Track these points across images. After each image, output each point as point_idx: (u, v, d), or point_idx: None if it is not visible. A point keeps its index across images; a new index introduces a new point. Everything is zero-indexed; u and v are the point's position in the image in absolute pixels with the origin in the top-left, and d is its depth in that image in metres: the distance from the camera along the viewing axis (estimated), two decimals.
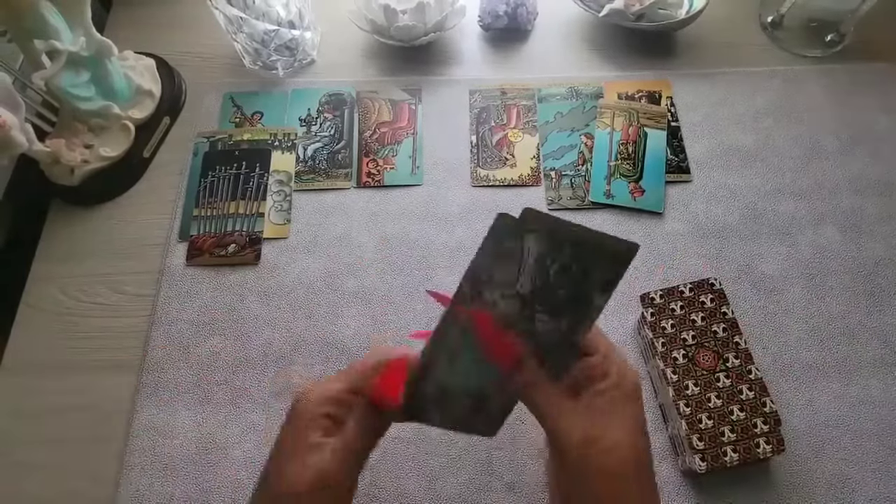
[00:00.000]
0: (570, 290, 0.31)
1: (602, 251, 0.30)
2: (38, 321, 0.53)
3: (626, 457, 0.31)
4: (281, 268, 0.55)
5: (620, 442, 0.31)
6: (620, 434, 0.31)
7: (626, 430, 0.31)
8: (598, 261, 0.31)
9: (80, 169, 0.56)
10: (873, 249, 0.55)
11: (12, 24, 0.51)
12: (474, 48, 0.68)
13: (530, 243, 0.29)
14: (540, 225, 0.29)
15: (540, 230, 0.29)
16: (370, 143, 0.61)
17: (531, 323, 0.31)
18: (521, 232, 0.29)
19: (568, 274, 0.30)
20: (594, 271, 0.31)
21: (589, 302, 0.32)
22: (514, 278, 0.30)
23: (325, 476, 0.31)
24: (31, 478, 0.47)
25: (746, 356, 0.45)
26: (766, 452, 0.42)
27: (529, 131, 0.62)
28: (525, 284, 0.30)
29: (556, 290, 0.31)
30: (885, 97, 0.63)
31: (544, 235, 0.29)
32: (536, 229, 0.29)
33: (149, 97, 0.61)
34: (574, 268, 0.30)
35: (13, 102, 0.50)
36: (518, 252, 0.29)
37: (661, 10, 0.64)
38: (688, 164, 0.60)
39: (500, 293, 0.30)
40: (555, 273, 0.30)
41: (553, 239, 0.30)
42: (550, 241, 0.30)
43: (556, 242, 0.30)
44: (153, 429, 0.48)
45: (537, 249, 0.30)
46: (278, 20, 0.61)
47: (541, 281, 0.30)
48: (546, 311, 0.31)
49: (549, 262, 0.30)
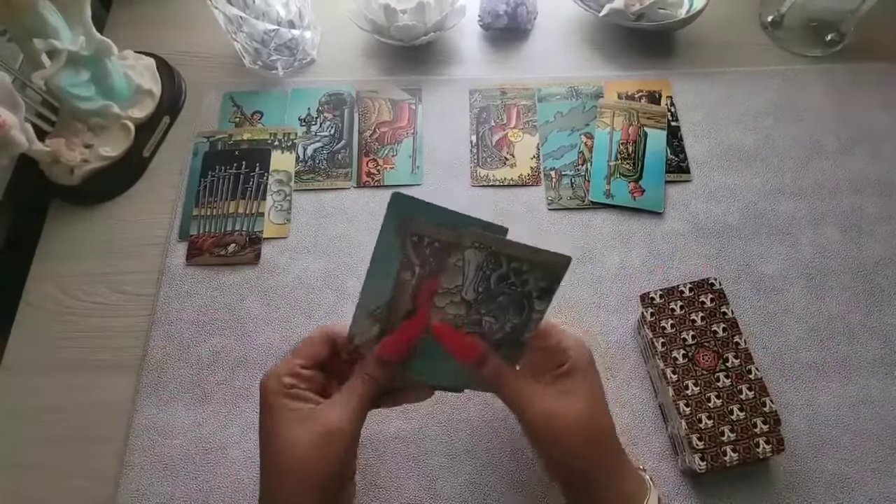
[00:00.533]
0: (510, 297, 0.35)
1: (536, 264, 0.35)
2: (38, 320, 0.53)
3: (582, 423, 0.35)
4: (281, 267, 0.55)
5: (578, 412, 0.35)
6: (578, 406, 0.35)
7: (582, 403, 0.35)
8: (534, 271, 0.35)
9: (80, 168, 0.56)
10: (873, 249, 0.55)
11: (12, 23, 0.51)
12: (474, 48, 0.68)
13: (469, 256, 0.34)
14: (477, 241, 0.34)
15: (480, 246, 0.34)
16: (370, 143, 0.61)
17: (479, 325, 0.36)
18: (462, 247, 0.34)
19: (507, 283, 0.35)
20: (530, 280, 0.35)
21: (530, 307, 0.36)
22: (460, 286, 0.35)
23: (332, 426, 0.33)
24: (31, 478, 0.47)
25: (746, 356, 0.45)
26: (766, 452, 0.42)
27: (529, 131, 0.62)
28: (468, 292, 0.35)
29: (498, 297, 0.35)
30: (885, 97, 0.63)
31: (482, 250, 0.34)
32: (474, 245, 0.34)
33: (149, 97, 0.61)
34: (512, 278, 0.35)
35: (13, 102, 0.50)
36: (460, 265, 0.34)
37: (661, 10, 0.64)
38: (688, 164, 0.60)
39: (448, 300, 0.35)
40: (495, 282, 0.35)
41: (490, 252, 0.34)
42: (487, 255, 0.34)
43: (493, 256, 0.34)
44: (153, 428, 0.48)
45: (476, 262, 0.34)
46: (278, 20, 0.61)
47: (482, 288, 0.35)
48: (491, 313, 0.36)
49: (487, 273, 0.35)
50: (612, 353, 0.51)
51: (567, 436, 0.35)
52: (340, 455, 0.34)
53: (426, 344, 0.36)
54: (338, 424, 0.34)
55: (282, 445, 0.33)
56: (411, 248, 0.35)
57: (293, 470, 0.33)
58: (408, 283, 0.35)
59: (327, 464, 0.33)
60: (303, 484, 0.33)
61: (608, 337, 0.52)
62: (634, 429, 0.48)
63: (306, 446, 0.33)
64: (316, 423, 0.34)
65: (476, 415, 0.48)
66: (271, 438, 0.34)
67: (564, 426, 0.35)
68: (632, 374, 0.50)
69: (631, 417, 0.48)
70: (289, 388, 0.35)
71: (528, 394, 0.36)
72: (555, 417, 0.35)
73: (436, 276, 0.35)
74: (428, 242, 0.34)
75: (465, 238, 0.34)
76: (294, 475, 0.33)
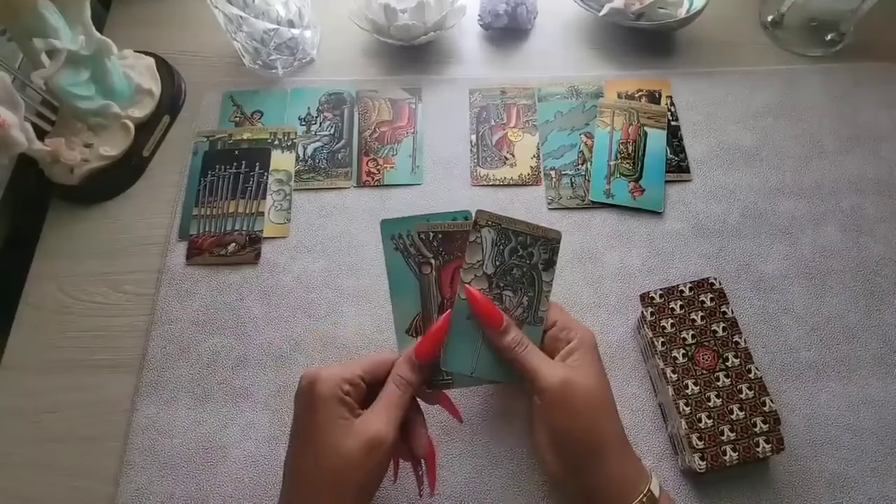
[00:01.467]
0: (522, 269, 0.40)
1: (536, 237, 0.40)
2: (38, 320, 0.53)
3: (596, 393, 0.37)
4: (281, 267, 0.55)
5: (591, 384, 0.37)
6: (591, 379, 0.38)
7: (594, 376, 0.38)
8: (536, 244, 0.40)
9: (80, 168, 0.56)
10: (873, 249, 0.55)
11: (11, 22, 0.51)
12: (474, 47, 0.68)
13: (485, 234, 0.39)
14: (490, 220, 0.39)
15: (491, 224, 0.39)
16: (370, 143, 0.61)
17: (500, 300, 0.40)
18: (478, 226, 0.39)
19: (517, 255, 0.40)
20: (535, 253, 0.40)
21: (539, 279, 0.40)
22: (481, 261, 0.39)
23: (377, 436, 0.34)
24: (31, 477, 0.47)
25: (746, 355, 0.45)
26: (766, 451, 0.42)
27: (529, 130, 0.62)
28: (488, 266, 0.40)
29: (512, 270, 0.40)
30: (885, 96, 0.63)
31: (494, 227, 0.39)
32: (488, 223, 0.39)
33: (148, 96, 0.61)
34: (520, 251, 0.40)
35: (13, 101, 0.50)
36: (479, 241, 0.39)
37: (661, 10, 0.64)
38: (688, 164, 0.60)
39: (472, 274, 0.39)
40: (507, 255, 0.40)
41: (501, 229, 0.40)
42: (499, 231, 0.40)
43: (503, 232, 0.40)
44: (153, 428, 0.48)
45: (490, 238, 0.40)
46: (278, 19, 0.61)
47: (499, 261, 0.40)
48: (508, 286, 0.40)
49: (501, 248, 0.40)
50: (611, 353, 0.51)
51: (584, 402, 0.36)
52: (384, 463, 0.36)
53: (452, 330, 0.39)
54: (382, 435, 0.35)
55: (329, 452, 0.34)
56: (421, 244, 0.40)
57: (339, 477, 0.34)
58: (430, 277, 0.40)
59: (371, 472, 0.35)
60: (344, 491, 0.34)
61: (608, 336, 0.52)
62: (634, 428, 0.48)
63: (355, 457, 0.34)
64: (363, 434, 0.34)
65: (476, 415, 0.48)
66: (316, 443, 0.35)
67: (583, 392, 0.37)
68: (631, 373, 0.50)
69: (631, 417, 0.48)
70: (344, 395, 0.35)
71: (546, 364, 0.38)
72: (572, 384, 0.36)
73: (454, 261, 0.40)
74: (433, 236, 0.41)
75: (480, 217, 0.39)
76: (340, 482, 0.34)
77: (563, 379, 0.37)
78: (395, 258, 0.40)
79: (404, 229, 0.41)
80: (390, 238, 0.41)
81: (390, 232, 0.41)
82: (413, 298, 0.40)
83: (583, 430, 0.37)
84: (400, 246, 0.41)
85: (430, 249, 0.40)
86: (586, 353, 0.38)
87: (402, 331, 0.41)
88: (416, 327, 0.41)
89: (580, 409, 0.36)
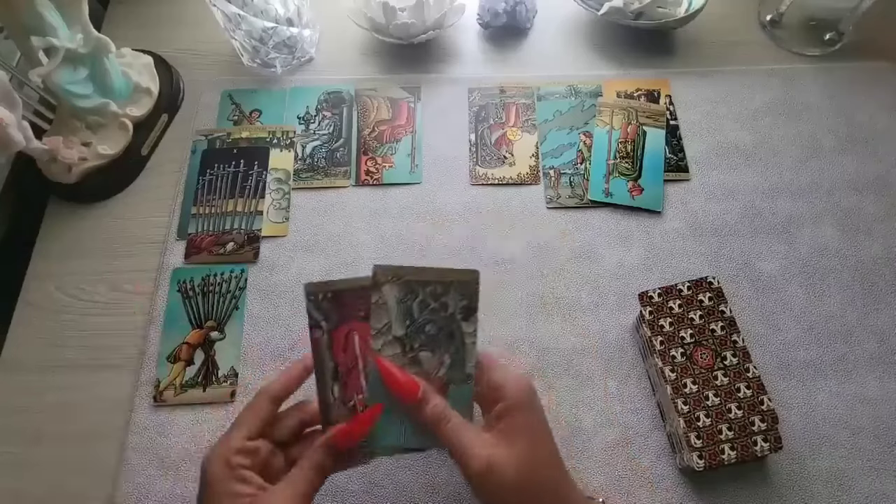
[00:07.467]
0: (437, 325, 0.36)
1: (447, 283, 0.35)
2: (36, 319, 0.53)
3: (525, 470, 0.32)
4: (279, 266, 0.55)
5: (521, 459, 0.32)
6: (519, 450, 0.33)
7: (526, 446, 0.33)
8: (449, 292, 0.35)
9: (78, 167, 0.56)
10: (871, 248, 0.55)
11: (9, 20, 0.51)
12: (473, 46, 0.68)
13: (387, 291, 0.35)
14: (391, 275, 0.35)
15: (392, 279, 0.35)
16: (369, 142, 0.61)
17: (418, 363, 0.35)
18: (378, 284, 0.35)
19: (429, 309, 0.35)
20: (449, 302, 0.35)
21: (460, 330, 0.36)
22: (388, 324, 0.35)
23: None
24: (31, 476, 0.47)
25: (744, 354, 0.46)
26: (764, 450, 0.42)
27: (528, 130, 0.62)
28: (397, 328, 0.35)
29: (425, 327, 0.35)
30: (883, 96, 0.63)
31: (396, 283, 0.35)
32: (389, 279, 0.35)
33: (147, 95, 0.61)
34: (432, 303, 0.35)
35: (10, 100, 0.50)
36: (382, 301, 0.35)
37: (660, 9, 0.64)
38: (686, 163, 0.60)
39: (382, 340, 0.35)
40: (417, 311, 0.35)
41: (404, 282, 0.35)
42: (402, 285, 0.35)
43: (407, 285, 0.35)
44: (152, 427, 0.48)
45: (395, 295, 0.35)
46: (276, 17, 0.61)
47: (409, 320, 0.35)
48: (424, 346, 0.35)
49: (409, 304, 0.35)
50: (610, 352, 0.51)
51: (513, 484, 0.32)
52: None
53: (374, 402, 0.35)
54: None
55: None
56: (312, 307, 0.36)
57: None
58: (321, 341, 0.36)
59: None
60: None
61: (606, 335, 0.52)
62: (632, 427, 0.48)
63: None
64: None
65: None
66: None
67: (511, 475, 0.32)
68: (630, 372, 0.50)
69: (629, 416, 0.48)
70: (233, 470, 0.33)
71: (467, 440, 0.33)
72: (498, 469, 0.32)
73: (348, 322, 0.36)
74: (322, 297, 0.36)
75: (379, 275, 0.35)
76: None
77: (488, 464, 0.32)
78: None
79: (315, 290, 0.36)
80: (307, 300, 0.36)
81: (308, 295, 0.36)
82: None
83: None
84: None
85: (320, 311, 0.36)
86: (518, 414, 0.34)
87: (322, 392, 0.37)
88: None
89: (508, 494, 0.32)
